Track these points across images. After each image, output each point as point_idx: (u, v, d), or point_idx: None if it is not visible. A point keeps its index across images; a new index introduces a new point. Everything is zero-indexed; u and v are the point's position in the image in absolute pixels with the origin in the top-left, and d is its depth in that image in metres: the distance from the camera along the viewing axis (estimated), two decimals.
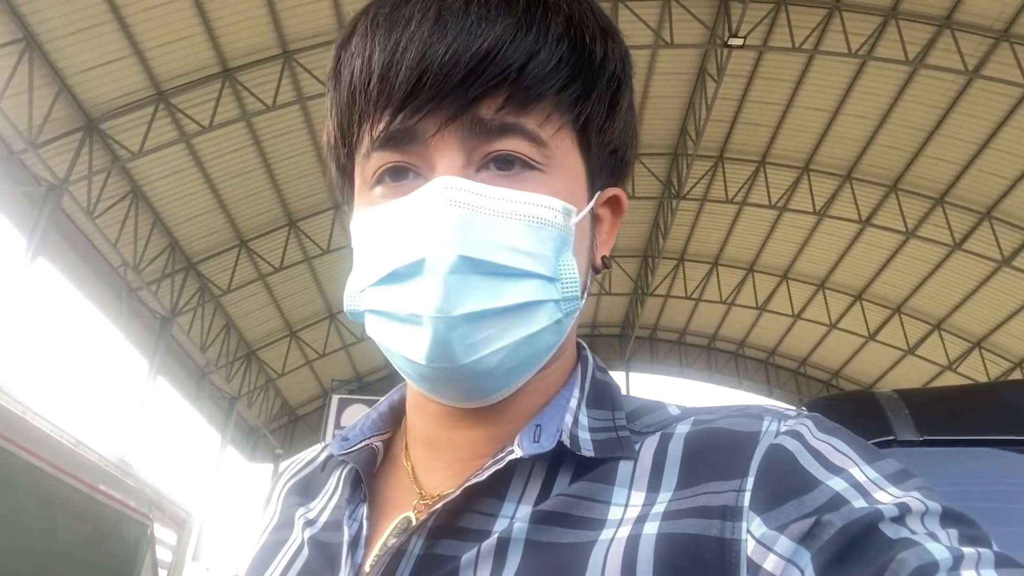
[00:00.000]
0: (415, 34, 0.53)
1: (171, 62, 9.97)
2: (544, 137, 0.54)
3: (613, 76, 0.58)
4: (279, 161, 12.19)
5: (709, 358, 19.68)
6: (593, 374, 0.62)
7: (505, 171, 0.54)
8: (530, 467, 0.54)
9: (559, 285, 0.54)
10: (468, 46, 0.52)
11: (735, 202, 14.58)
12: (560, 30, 0.54)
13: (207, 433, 15.83)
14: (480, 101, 0.52)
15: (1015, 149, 11.66)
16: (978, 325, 14.98)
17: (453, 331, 0.51)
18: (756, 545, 0.45)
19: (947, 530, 0.43)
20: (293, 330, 16.13)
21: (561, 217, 0.54)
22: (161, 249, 12.15)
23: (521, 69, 0.52)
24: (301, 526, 0.62)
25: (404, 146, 0.54)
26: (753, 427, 0.52)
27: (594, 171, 0.60)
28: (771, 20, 11.08)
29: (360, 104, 0.55)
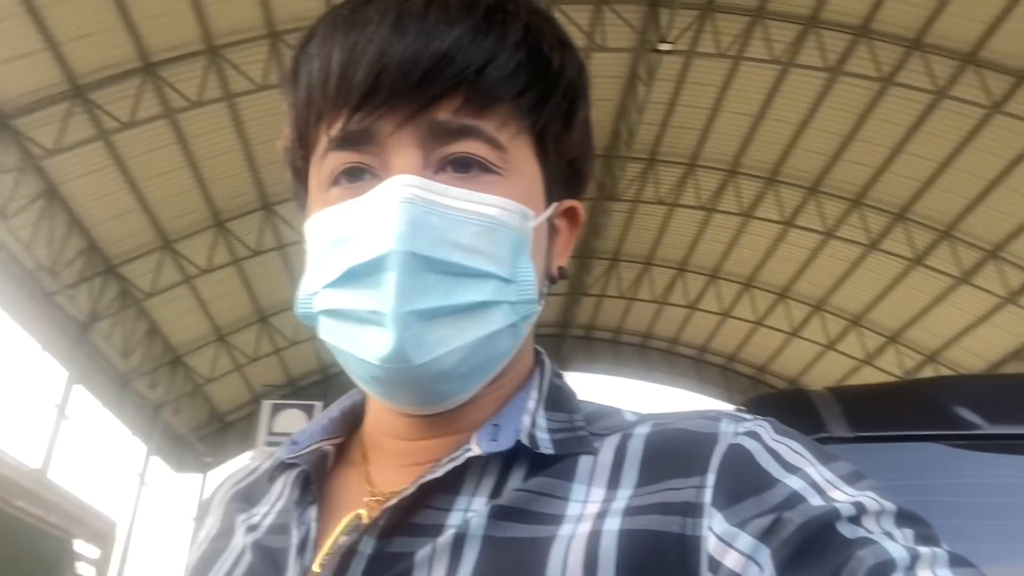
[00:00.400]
0: (374, 35, 0.53)
1: (88, 56, 9.53)
2: (502, 141, 0.55)
3: (570, 86, 0.59)
4: (205, 159, 11.81)
5: (642, 356, 20.04)
6: (551, 379, 0.62)
7: (463, 173, 0.54)
8: (484, 463, 0.54)
9: (515, 287, 0.54)
10: (427, 47, 0.52)
11: (666, 203, 14.90)
12: (518, 37, 0.55)
13: (131, 443, 15.21)
14: (438, 102, 0.52)
15: (927, 153, 12.31)
16: (893, 320, 15.74)
17: (407, 329, 0.50)
18: (717, 541, 0.46)
19: (902, 529, 0.45)
20: (221, 334, 15.64)
21: (518, 220, 0.55)
22: (79, 251, 11.60)
23: (479, 71, 0.53)
24: (243, 532, 0.60)
25: (361, 146, 0.54)
26: (712, 428, 0.53)
27: (551, 181, 0.60)
28: (698, 26, 11.38)
29: (317, 103, 0.55)
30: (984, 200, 12.50)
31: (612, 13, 11.06)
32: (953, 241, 13.35)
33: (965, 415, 1.34)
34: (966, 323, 14.67)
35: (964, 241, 13.30)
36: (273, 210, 13.38)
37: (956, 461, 1.34)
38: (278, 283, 15.11)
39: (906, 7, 10.58)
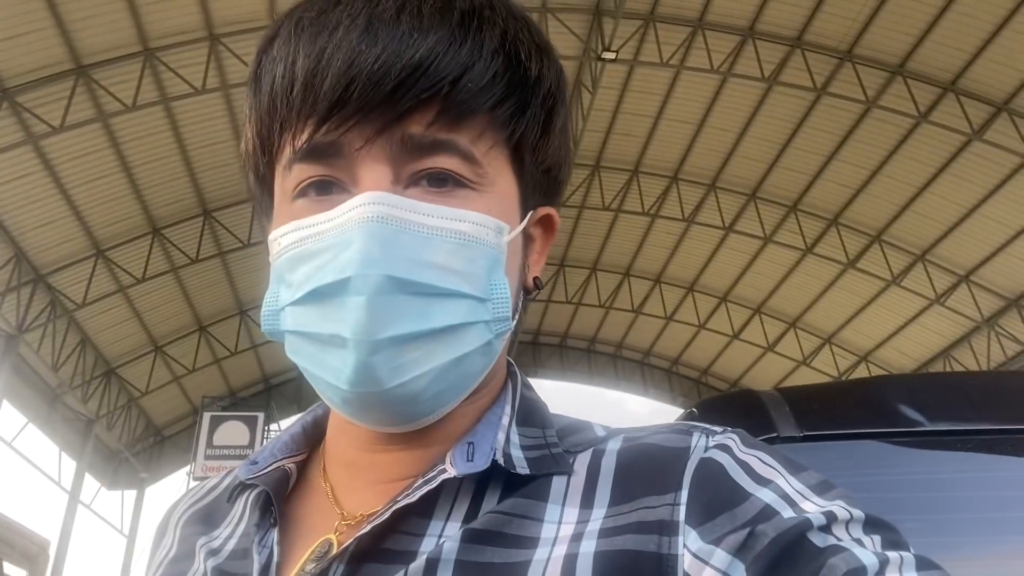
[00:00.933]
0: (343, 41, 0.50)
1: (16, 58, 9.15)
2: (477, 155, 0.52)
3: (548, 94, 0.57)
4: (140, 164, 11.45)
5: (589, 361, 20.23)
6: (522, 391, 0.61)
7: (436, 188, 0.52)
8: (458, 484, 0.53)
9: (490, 305, 0.53)
10: (399, 56, 0.49)
11: (611, 209, 15.10)
12: (495, 45, 0.52)
13: (63, 459, 14.59)
14: (410, 115, 0.50)
15: (859, 161, 12.79)
16: (828, 322, 16.27)
17: (377, 354, 0.49)
18: (692, 559, 0.45)
19: (871, 536, 0.46)
20: (158, 345, 15.16)
21: (493, 235, 0.53)
22: (5, 260, 11.09)
23: (454, 83, 0.50)
24: (203, 557, 0.57)
25: (328, 159, 0.52)
26: (683, 442, 0.52)
27: (527, 190, 0.58)
28: (641, 36, 11.58)
29: (281, 112, 0.52)
30: (913, 206, 13.04)
31: (556, 21, 11.17)
32: (884, 245, 13.89)
33: (907, 413, 1.39)
34: (896, 324, 15.27)
35: (894, 245, 13.85)
36: (213, 216, 13.04)
37: (899, 457, 1.39)
38: (218, 292, 14.72)
39: (838, 20, 10.98)
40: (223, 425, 15.30)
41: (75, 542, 14.60)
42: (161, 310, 14.45)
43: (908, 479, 1.39)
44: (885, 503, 1.29)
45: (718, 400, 1.86)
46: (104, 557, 15.81)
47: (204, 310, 15.05)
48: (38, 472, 13.87)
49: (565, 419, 0.61)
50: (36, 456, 13.75)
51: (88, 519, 15.79)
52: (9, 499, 20.56)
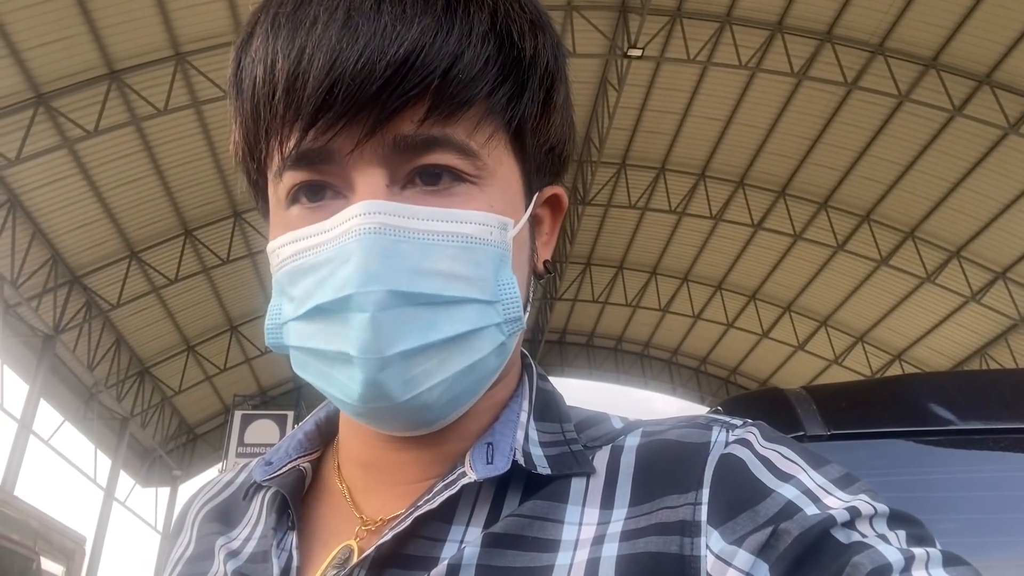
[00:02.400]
0: (322, 38, 0.47)
1: (51, 63, 9.35)
2: (475, 147, 0.50)
3: (546, 72, 0.53)
4: (173, 167, 11.64)
5: (616, 360, 20.15)
6: (538, 383, 0.60)
7: (432, 186, 0.49)
8: (478, 487, 0.51)
9: (500, 307, 0.50)
10: (383, 51, 0.46)
11: (637, 207, 15.02)
12: (485, 28, 0.49)
13: (98, 457, 14.90)
14: (400, 113, 0.47)
15: (890, 156, 12.56)
16: (860, 321, 16.01)
17: (386, 370, 0.47)
18: (715, 560, 0.45)
19: (896, 531, 0.45)
20: (190, 344, 15.41)
21: (497, 233, 0.50)
22: (42, 262, 11.35)
23: (444, 75, 0.47)
24: (223, 558, 0.56)
25: (319, 165, 0.49)
26: (702, 437, 0.51)
27: (531, 173, 0.56)
28: (667, 32, 11.50)
29: (266, 118, 0.50)
30: (947, 201, 12.78)
31: (582, 19, 11.13)
32: (918, 242, 13.63)
33: (937, 411, 1.37)
34: (931, 322, 14.98)
35: (928, 242, 13.59)
36: (243, 218, 13.23)
37: (929, 457, 1.36)
38: (249, 292, 14.93)
39: (869, 12, 10.79)
40: (254, 423, 15.50)
41: (110, 539, 14.90)
42: (193, 310, 14.69)
43: (939, 479, 1.36)
44: (916, 503, 1.26)
45: (744, 398, 1.84)
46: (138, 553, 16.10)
47: (235, 310, 15.27)
48: (74, 470, 14.18)
49: (582, 412, 0.60)
50: (72, 454, 14.06)
51: (123, 516, 16.11)
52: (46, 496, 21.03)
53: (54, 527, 7.89)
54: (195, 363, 15.72)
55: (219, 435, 17.05)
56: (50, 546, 7.50)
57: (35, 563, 6.91)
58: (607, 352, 20.14)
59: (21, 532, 6.73)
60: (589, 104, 13.06)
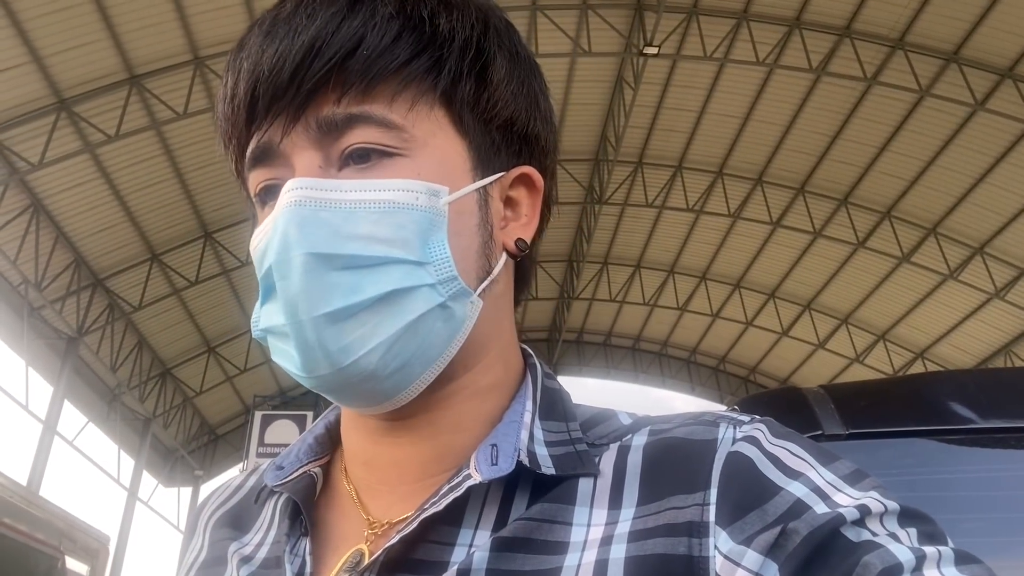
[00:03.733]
0: (251, 51, 0.53)
1: (73, 69, 9.49)
2: (396, 120, 0.52)
3: (467, 45, 0.55)
4: (193, 170, 11.77)
5: (634, 359, 20.08)
6: (543, 381, 0.59)
7: (363, 164, 0.52)
8: (485, 490, 0.52)
9: (431, 268, 0.51)
10: (292, 45, 0.51)
11: (654, 206, 14.96)
12: (391, 11, 0.53)
13: (121, 457, 15.09)
14: (318, 97, 0.51)
15: (912, 152, 12.41)
16: (882, 319, 15.84)
17: (319, 335, 0.48)
18: (724, 560, 0.44)
19: (907, 529, 0.44)
20: (211, 346, 15.57)
21: (424, 199, 0.51)
22: (65, 265, 11.52)
23: (349, 54, 0.51)
24: (236, 564, 0.57)
25: (269, 162, 0.53)
26: (709, 435, 0.51)
27: (483, 151, 0.57)
28: (683, 29, 11.44)
29: (225, 130, 0.56)
30: (969, 197, 12.61)
31: (598, 17, 11.10)
32: (940, 238, 13.46)
33: (958, 410, 1.35)
34: (954, 320, 14.79)
35: (950, 238, 13.41)
36: None
37: (950, 456, 1.34)
38: None
39: (889, 7, 10.68)
40: (274, 424, 15.62)
41: (134, 538, 15.08)
42: (213, 312, 14.84)
43: (960, 478, 1.34)
44: (936, 502, 1.25)
45: (761, 397, 1.82)
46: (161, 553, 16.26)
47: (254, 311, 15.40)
48: (98, 470, 14.37)
49: (588, 410, 0.59)
50: (96, 454, 14.25)
51: (146, 516, 16.31)
52: (71, 496, 21.29)
53: (78, 527, 8.00)
54: (216, 364, 15.88)
55: (240, 435, 17.20)
56: (75, 545, 7.61)
57: (60, 562, 7.01)
58: (625, 351, 20.08)
59: (46, 532, 6.83)
60: (605, 103, 13.03)
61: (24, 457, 11.10)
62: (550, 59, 11.40)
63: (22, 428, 11.57)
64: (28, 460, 11.11)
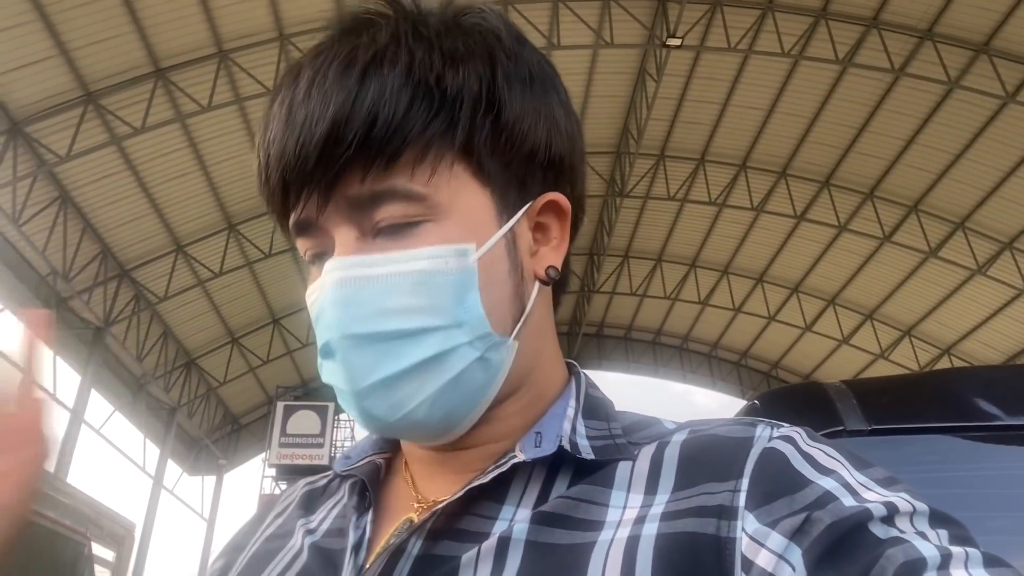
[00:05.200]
0: (275, 135, 0.56)
1: (100, 62, 9.61)
2: (419, 190, 0.54)
3: (477, 101, 0.56)
4: (217, 163, 11.89)
5: (655, 353, 20.00)
6: (586, 390, 0.64)
7: (393, 236, 0.55)
8: (529, 471, 0.56)
9: (467, 328, 0.55)
10: (312, 133, 0.54)
11: (676, 199, 14.85)
12: (400, 82, 0.54)
13: (147, 446, 15.32)
14: (344, 177, 0.54)
15: (941, 145, 12.20)
16: (908, 314, 15.62)
17: (369, 399, 0.54)
18: (749, 541, 0.46)
19: (936, 530, 0.44)
20: (235, 337, 15.74)
21: (453, 261, 0.55)
22: (92, 256, 11.71)
23: (367, 134, 0.53)
24: (301, 534, 0.63)
25: (309, 232, 0.58)
26: (747, 433, 0.54)
27: (507, 191, 0.58)
28: (707, 21, 11.32)
29: (267, 203, 0.61)
30: (999, 191, 12.38)
31: (620, 9, 11.02)
32: (968, 233, 13.23)
33: (983, 407, 1.32)
34: (982, 315, 14.55)
35: (979, 233, 13.18)
36: None
37: (974, 453, 1.32)
38: (290, 285, 15.18)
39: None
40: (296, 414, 15.78)
41: (159, 525, 15.33)
42: (237, 303, 15.00)
43: (984, 475, 1.32)
44: (960, 500, 1.23)
45: (782, 392, 1.81)
46: (185, 540, 16.51)
47: (277, 303, 15.55)
48: (124, 458, 14.61)
49: (633, 416, 0.63)
50: (122, 443, 14.49)
51: (170, 503, 16.56)
52: (98, 483, 21.67)
53: (105, 513, 8.14)
54: (239, 355, 16.06)
55: (263, 425, 17.41)
56: (101, 532, 7.74)
57: (87, 548, 7.14)
58: (645, 345, 20.00)
59: (74, 518, 6.96)
60: (627, 95, 12.94)
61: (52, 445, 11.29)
62: (572, 51, 11.34)
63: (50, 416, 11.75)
64: (56, 448, 11.30)
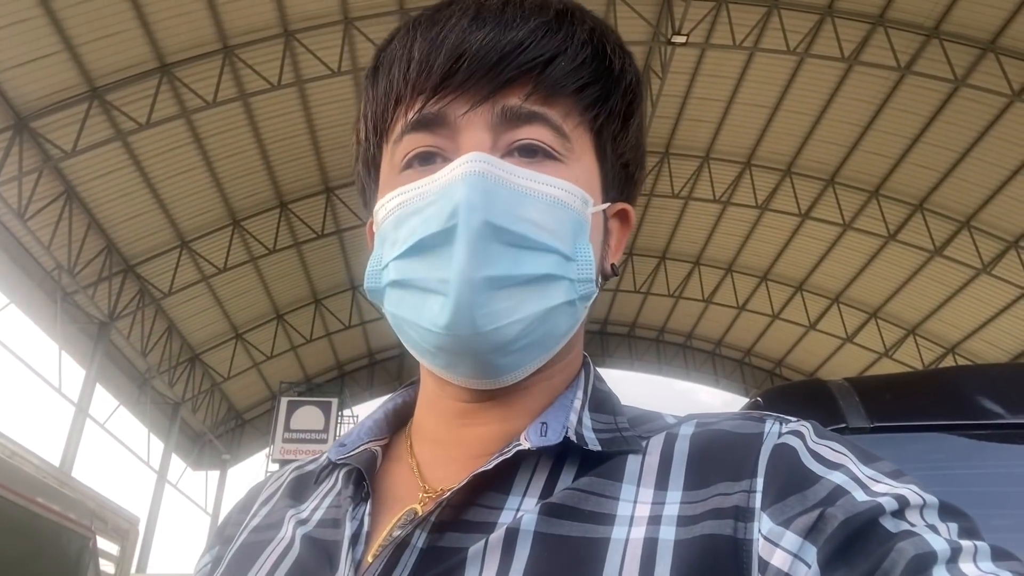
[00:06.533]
0: (455, 27, 0.57)
1: (105, 58, 9.63)
2: (566, 129, 0.58)
3: (629, 88, 0.63)
4: (221, 159, 11.90)
5: (659, 351, 19.99)
6: (594, 383, 0.64)
7: (528, 158, 0.57)
8: (535, 462, 0.55)
9: (575, 265, 0.56)
10: (503, 36, 0.56)
11: (681, 197, 14.83)
12: (584, 37, 0.59)
13: (151, 441, 15.37)
14: (509, 87, 0.56)
15: (946, 143, 12.15)
16: (912, 313, 15.58)
17: (475, 296, 0.52)
18: (764, 542, 0.46)
19: (946, 523, 0.45)
20: (239, 332, 15.77)
21: (579, 203, 0.57)
22: (97, 251, 11.73)
23: (549, 62, 0.56)
24: (292, 526, 0.60)
25: (435, 129, 0.57)
26: (756, 429, 0.54)
27: (607, 179, 0.63)
28: (712, 18, 11.29)
29: (398, 88, 0.59)
30: (1004, 190, 12.34)
31: (625, 5, 11.00)
32: (973, 232, 13.19)
33: (986, 405, 1.32)
34: (987, 315, 14.51)
35: (984, 231, 13.14)
36: (289, 208, 13.46)
37: (977, 451, 1.32)
38: (294, 280, 15.20)
39: None
40: (299, 410, 15.80)
41: (162, 519, 15.38)
42: (241, 299, 15.02)
43: (988, 474, 1.32)
44: (963, 498, 1.23)
45: (785, 389, 1.80)
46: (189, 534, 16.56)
47: (280, 299, 15.57)
48: (129, 453, 14.65)
49: (637, 410, 0.63)
50: (127, 437, 14.52)
51: (174, 498, 16.61)
52: (102, 478, 21.76)
53: (109, 507, 8.17)
54: (243, 350, 16.09)
55: (266, 421, 17.43)
56: (105, 526, 7.78)
57: (91, 541, 7.17)
58: (649, 343, 19.99)
59: (78, 512, 6.99)
60: None
61: (57, 439, 11.34)
62: None
63: (55, 411, 11.81)
64: (61, 442, 11.36)
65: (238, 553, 0.62)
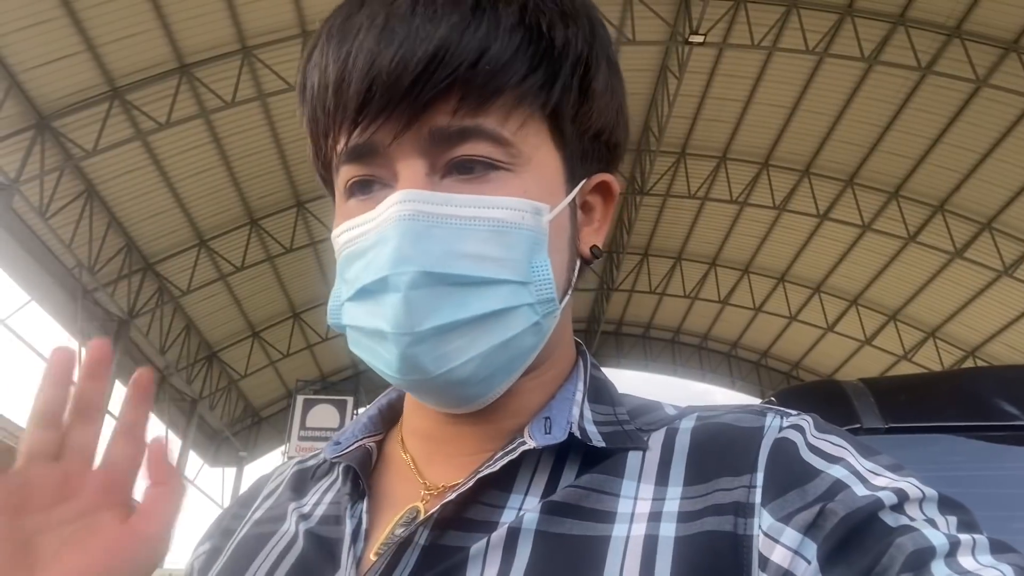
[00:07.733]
0: (364, 43, 0.51)
1: (126, 58, 9.73)
2: (507, 135, 0.52)
3: (579, 60, 0.55)
4: (239, 158, 11.99)
5: (674, 352, 19.89)
6: (590, 371, 0.62)
7: (466, 175, 0.52)
8: (537, 459, 0.54)
9: (532, 288, 0.52)
10: (414, 50, 0.50)
11: (697, 197, 14.75)
12: (513, 21, 0.52)
13: (169, 437, 15.51)
14: (434, 106, 0.50)
15: (968, 144, 12.00)
16: (932, 315, 15.40)
17: (420, 345, 0.50)
18: (764, 538, 0.46)
19: (945, 517, 0.45)
20: (256, 330, 15.88)
21: (530, 218, 0.52)
22: (117, 250, 11.86)
23: (472, 66, 0.50)
24: (295, 519, 0.60)
25: (367, 159, 0.53)
26: (756, 423, 0.53)
27: (574, 160, 0.58)
28: (731, 17, 11.22)
29: (321, 120, 0.55)
30: None
31: (642, 5, 10.96)
32: (995, 233, 13.01)
33: (1001, 406, 1.31)
34: (1008, 317, 14.31)
35: (1006, 233, 12.96)
36: (305, 208, 13.53)
37: (992, 453, 1.31)
38: (311, 280, 15.28)
39: None
40: (315, 408, 15.86)
41: (179, 515, 15.49)
42: (258, 297, 15.13)
43: (1004, 475, 1.31)
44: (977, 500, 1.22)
45: (799, 389, 1.80)
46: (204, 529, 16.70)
47: (297, 297, 15.66)
48: None
49: (635, 399, 0.62)
50: None
51: (192, 494, 16.71)
52: None
53: None
54: (260, 348, 16.20)
55: (283, 418, 17.53)
56: None
57: None
58: (664, 344, 19.90)
59: None
60: (648, 92, 12.87)
61: None
62: None
63: None
64: None
65: (241, 544, 0.62)
